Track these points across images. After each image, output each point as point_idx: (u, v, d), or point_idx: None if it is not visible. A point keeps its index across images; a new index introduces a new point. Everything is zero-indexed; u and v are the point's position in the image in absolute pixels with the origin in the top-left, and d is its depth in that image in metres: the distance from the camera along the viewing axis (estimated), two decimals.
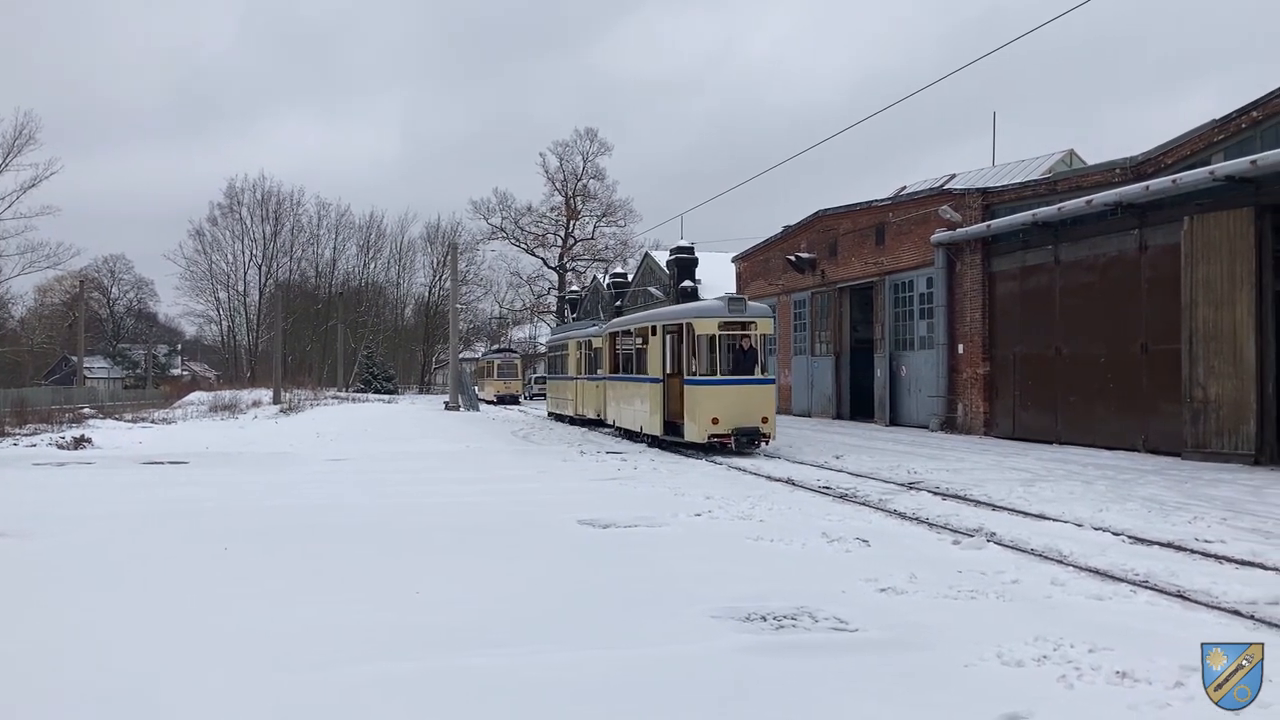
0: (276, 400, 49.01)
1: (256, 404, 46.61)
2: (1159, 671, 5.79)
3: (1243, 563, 9.17)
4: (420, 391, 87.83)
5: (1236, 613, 7.43)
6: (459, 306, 69.06)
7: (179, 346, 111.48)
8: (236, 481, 16.50)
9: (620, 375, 26.74)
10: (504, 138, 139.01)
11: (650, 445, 23.24)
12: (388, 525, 11.70)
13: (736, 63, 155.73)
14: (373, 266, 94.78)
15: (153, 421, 35.53)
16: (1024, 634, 6.61)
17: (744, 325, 20.78)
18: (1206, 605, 7.67)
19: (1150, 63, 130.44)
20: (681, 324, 21.40)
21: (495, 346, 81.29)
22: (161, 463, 20.01)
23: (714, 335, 20.54)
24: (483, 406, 53.16)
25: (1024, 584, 8.35)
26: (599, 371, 30.46)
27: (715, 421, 19.95)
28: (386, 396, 68.89)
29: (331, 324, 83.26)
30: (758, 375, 20.58)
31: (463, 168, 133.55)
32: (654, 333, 22.72)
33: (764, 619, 7.21)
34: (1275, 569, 8.90)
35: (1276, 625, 7.09)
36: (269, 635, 6.85)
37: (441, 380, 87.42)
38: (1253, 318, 18.22)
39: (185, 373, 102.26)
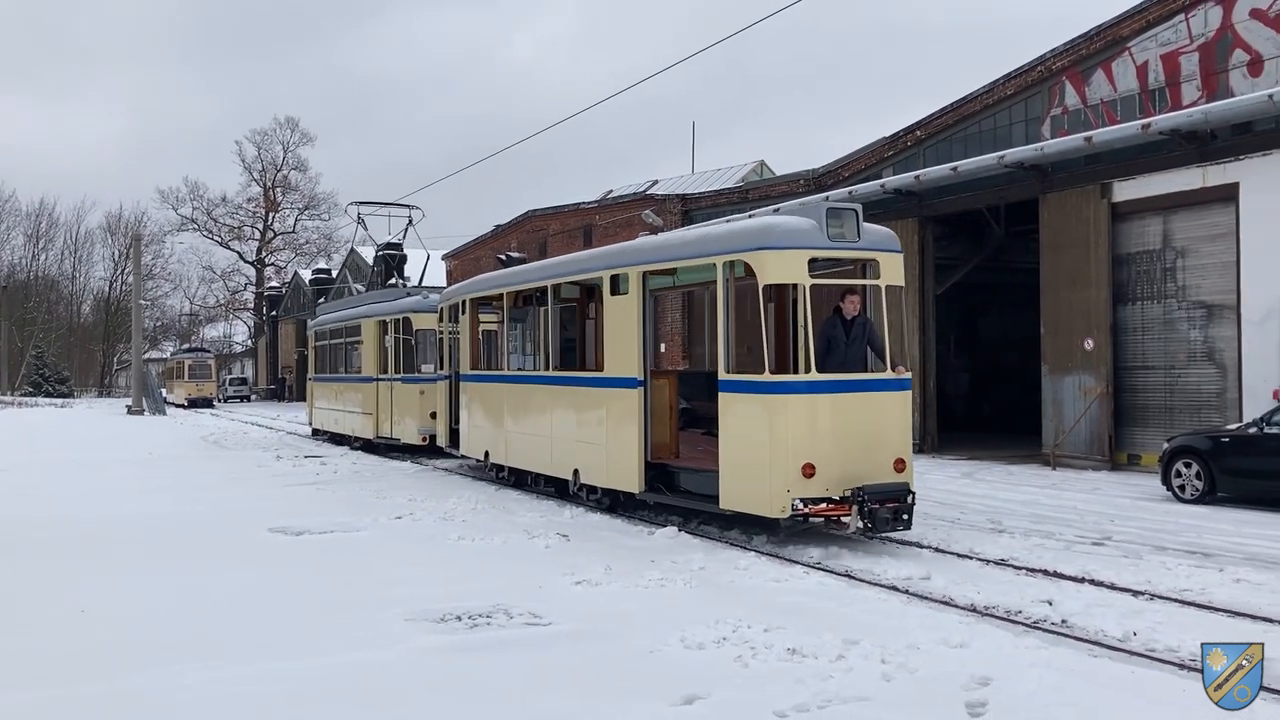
0: None
1: None
2: (824, 646, 6.23)
3: (903, 543, 10.06)
4: (100, 395, 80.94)
5: (894, 588, 8.15)
6: (144, 302, 64.32)
7: None
8: None
9: (512, 375, 15.76)
10: (243, 131, 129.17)
11: (607, 511, 12.41)
12: (54, 540, 10.68)
13: (493, 67, 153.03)
14: (44, 258, 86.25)
15: None
16: (707, 618, 6.92)
17: (856, 266, 10.80)
18: (869, 583, 8.36)
19: (868, 82, 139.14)
20: (714, 263, 10.60)
21: (186, 346, 76.16)
22: None
23: (800, 285, 10.07)
24: (173, 411, 49.77)
25: (710, 571, 8.76)
26: (427, 369, 20.47)
27: (809, 472, 9.51)
28: (60, 400, 63.02)
29: None
30: (883, 373, 10.42)
31: (195, 159, 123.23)
32: (617, 288, 12.13)
33: (459, 619, 7.16)
34: (929, 547, 9.84)
35: (924, 597, 7.84)
36: None
37: (124, 383, 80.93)
38: (916, 319, 20.04)
39: None
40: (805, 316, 9.85)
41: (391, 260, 33.13)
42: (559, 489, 13.82)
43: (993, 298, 25.67)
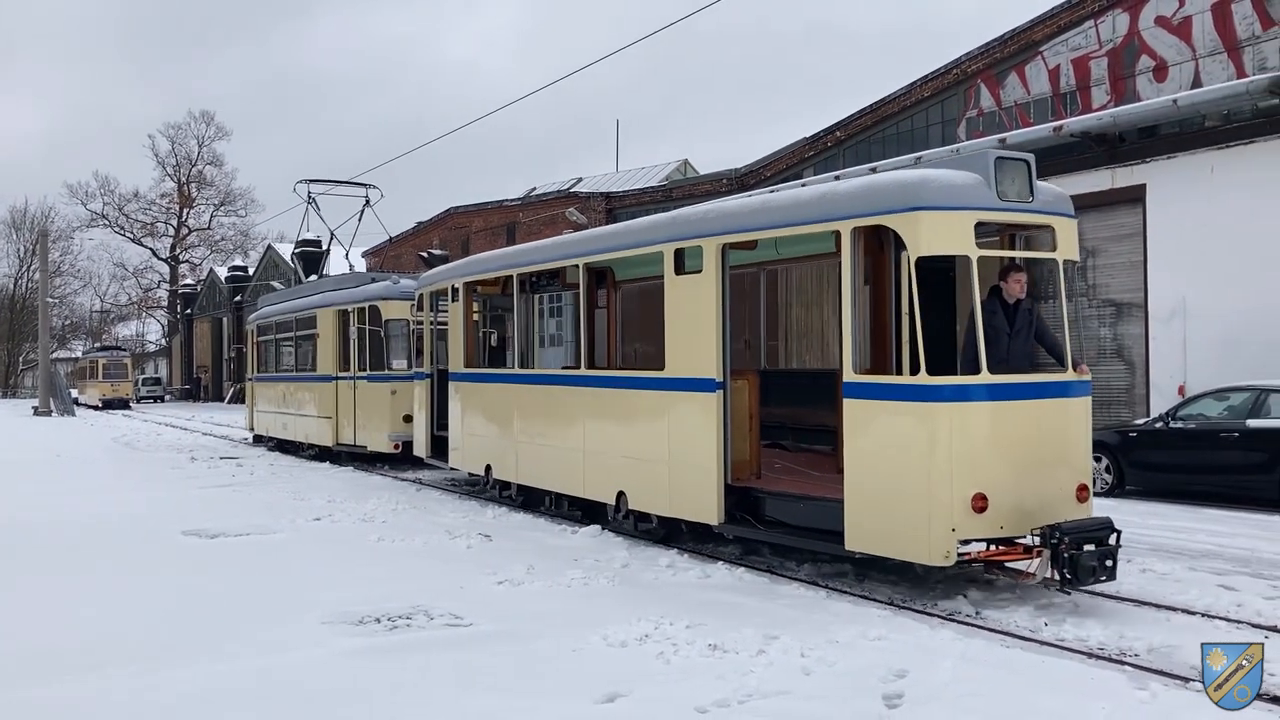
0: None
1: None
2: (745, 641, 6.28)
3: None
4: (4, 396, 78.34)
5: (814, 583, 8.26)
6: (51, 300, 62.38)
7: None
8: None
9: (527, 375, 13.08)
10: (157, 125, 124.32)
11: (661, 543, 10.00)
12: None
13: (428, 66, 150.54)
14: None
15: None
16: (629, 616, 6.92)
17: (1031, 234, 8.67)
18: (789, 578, 8.46)
19: (792, 84, 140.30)
20: (840, 229, 8.00)
21: (100, 345, 73.97)
22: None
23: (965, 259, 7.58)
24: (84, 412, 48.31)
25: (633, 568, 8.77)
26: (399, 366, 17.65)
27: (979, 505, 7.21)
28: None
29: None
30: (1063, 375, 8.00)
31: (113, 156, 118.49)
32: (684, 265, 10.01)
33: (378, 621, 7.06)
34: None
35: (843, 592, 7.96)
36: None
37: (31, 383, 78.36)
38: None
39: None
40: (973, 299, 7.45)
41: (310, 257, 31.44)
42: (588, 513, 11.38)
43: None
